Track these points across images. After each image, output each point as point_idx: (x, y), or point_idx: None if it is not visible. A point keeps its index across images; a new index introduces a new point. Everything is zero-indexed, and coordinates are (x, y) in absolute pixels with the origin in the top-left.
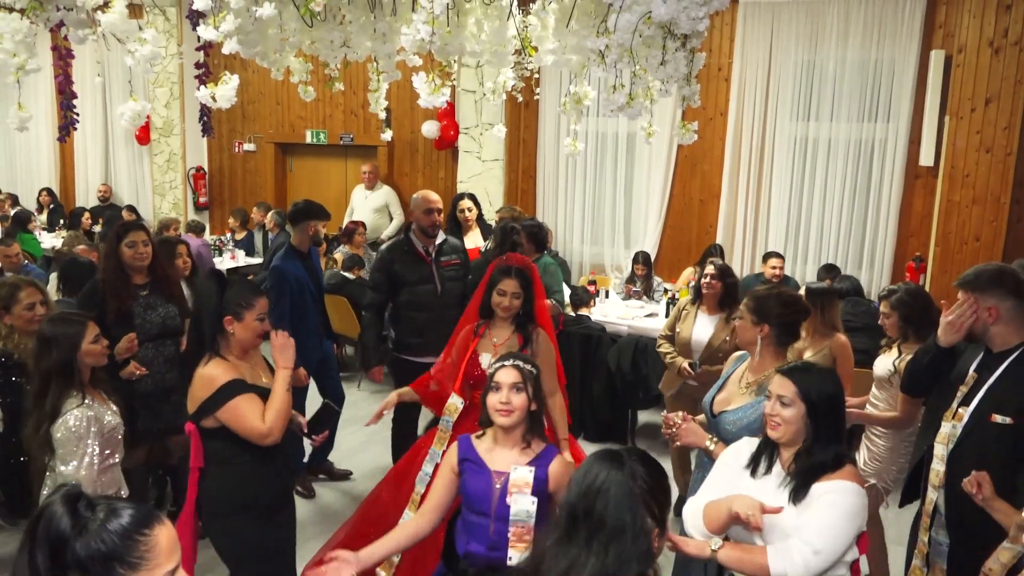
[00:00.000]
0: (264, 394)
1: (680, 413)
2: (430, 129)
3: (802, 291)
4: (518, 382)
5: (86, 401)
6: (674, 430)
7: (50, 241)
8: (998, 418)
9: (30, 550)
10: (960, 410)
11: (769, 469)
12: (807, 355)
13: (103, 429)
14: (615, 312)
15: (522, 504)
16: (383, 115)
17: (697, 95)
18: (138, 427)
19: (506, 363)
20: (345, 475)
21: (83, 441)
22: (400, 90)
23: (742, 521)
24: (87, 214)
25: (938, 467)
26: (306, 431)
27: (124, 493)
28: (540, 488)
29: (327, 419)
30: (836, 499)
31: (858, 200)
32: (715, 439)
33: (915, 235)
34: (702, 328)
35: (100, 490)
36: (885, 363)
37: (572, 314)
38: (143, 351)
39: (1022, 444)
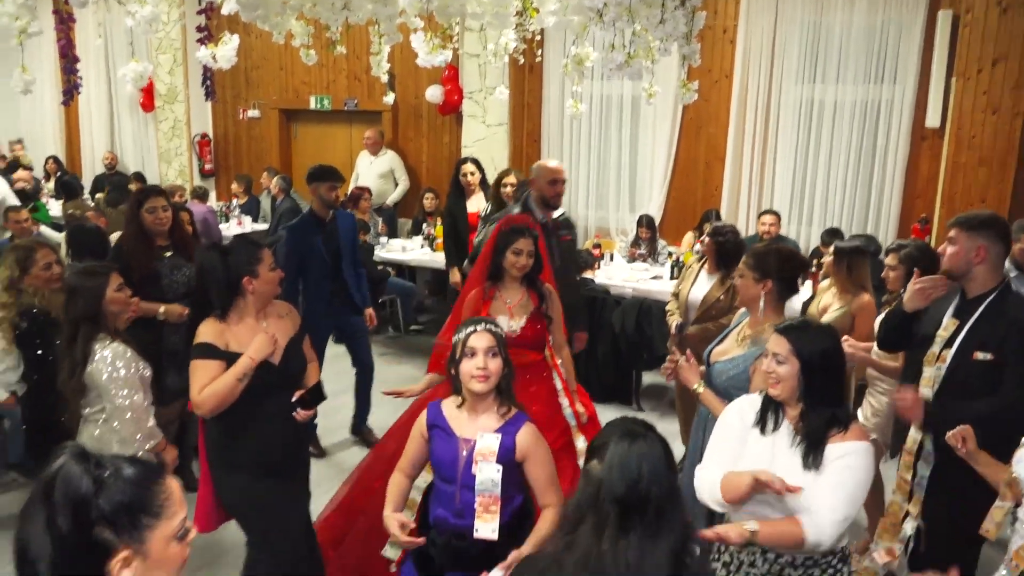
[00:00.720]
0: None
1: (687, 353)
2: (434, 94)
3: (830, 250)
4: (493, 346)
5: (116, 341)
6: (672, 366)
7: (58, 209)
8: (980, 355)
9: (48, 516)
10: (943, 352)
11: (777, 426)
12: (829, 313)
13: (141, 369)
14: (620, 275)
15: (487, 472)
16: (385, 79)
17: (697, 54)
18: (167, 384)
19: (477, 328)
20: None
21: (128, 369)
22: (403, 54)
23: (768, 489)
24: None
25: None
26: (294, 400)
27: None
28: (507, 457)
29: (314, 400)
30: (851, 462)
31: (864, 162)
32: (703, 384)
33: (921, 197)
34: (700, 287)
35: (143, 439)
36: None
37: (576, 277)
38: None
39: (1000, 378)
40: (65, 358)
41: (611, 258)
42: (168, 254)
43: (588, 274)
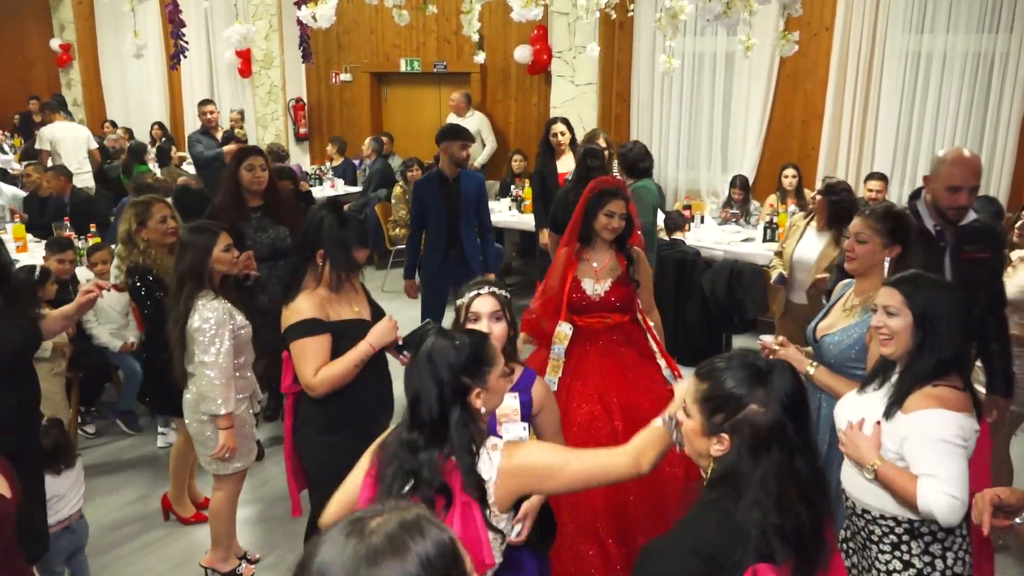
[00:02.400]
0: (343, 328)
1: (779, 337)
2: (523, 54)
3: None
4: (497, 311)
5: (219, 298)
6: (769, 354)
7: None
8: None
9: (431, 370)
10: None
11: (881, 385)
12: None
13: (236, 328)
14: (710, 237)
15: (514, 432)
16: (476, 38)
17: (799, 3)
18: (257, 341)
19: (481, 291)
20: None
21: (221, 330)
22: (492, 16)
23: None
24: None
25: None
26: (400, 344)
27: (260, 396)
28: (527, 413)
29: (423, 338)
30: (935, 432)
31: (974, 118)
32: (815, 364)
33: None
34: (807, 245)
35: (236, 392)
36: (1017, 283)
37: (666, 238)
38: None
39: None
40: (172, 311)
41: (701, 220)
42: (256, 215)
43: (678, 235)
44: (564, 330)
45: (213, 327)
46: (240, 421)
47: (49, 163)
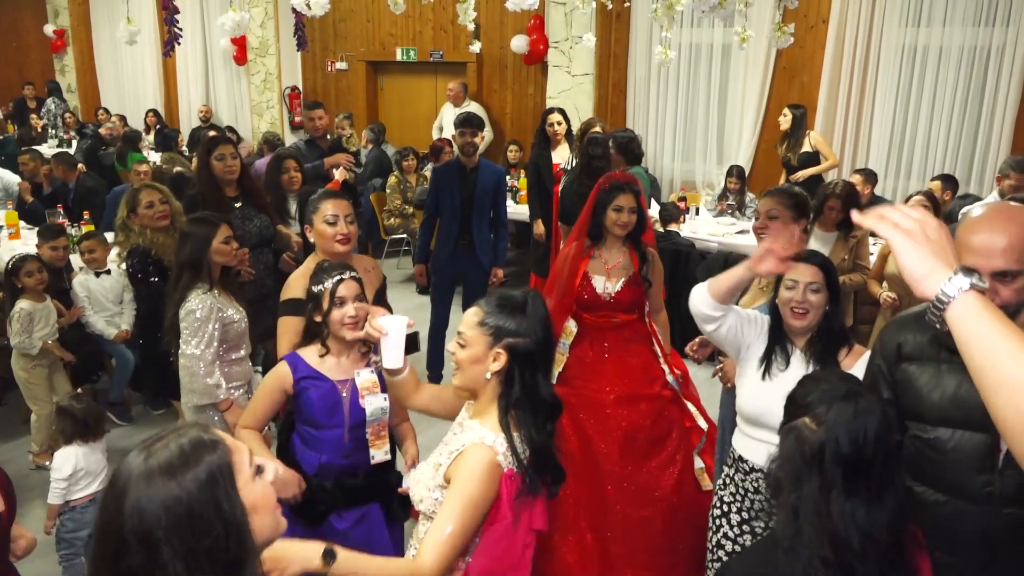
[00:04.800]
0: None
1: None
2: (519, 44)
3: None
4: (359, 293)
5: (212, 291)
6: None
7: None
8: None
9: None
10: None
11: (788, 364)
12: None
13: (224, 321)
14: (705, 229)
15: (376, 403)
16: (472, 27)
17: None
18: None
19: (343, 276)
20: None
21: (204, 324)
22: (489, 4)
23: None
24: (181, 136)
25: None
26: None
27: (256, 384)
28: (383, 385)
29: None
30: None
31: (970, 112)
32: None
33: None
34: (815, 247)
35: (225, 381)
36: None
37: (661, 230)
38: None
39: None
40: (170, 299)
41: (696, 212)
42: (238, 205)
43: (673, 227)
44: (570, 326)
45: (197, 320)
46: (194, 360)
47: None
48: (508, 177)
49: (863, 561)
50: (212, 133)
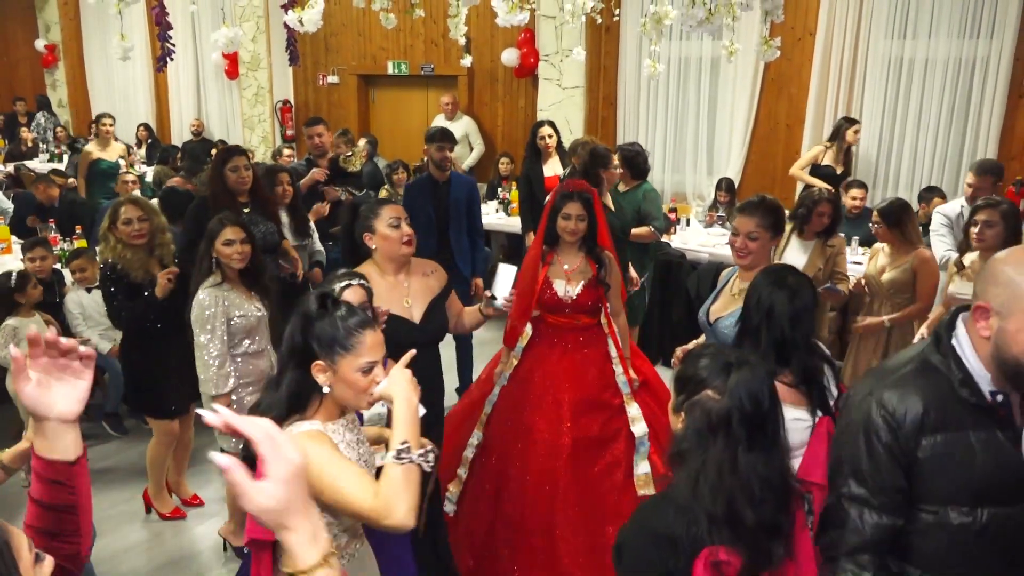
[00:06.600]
0: (392, 322)
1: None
2: (510, 57)
3: (875, 215)
4: (364, 302)
5: (222, 285)
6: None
7: (150, 175)
8: None
9: (294, 321)
10: None
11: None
12: (889, 272)
13: (234, 314)
14: (695, 239)
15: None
16: (463, 41)
17: (780, 9)
18: None
19: (352, 282)
20: None
21: (212, 317)
22: (480, 19)
23: None
24: (179, 153)
25: None
26: (489, 294)
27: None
28: None
29: (503, 278)
30: None
31: (955, 123)
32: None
33: (1017, 159)
34: (792, 254)
35: (236, 374)
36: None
37: (665, 240)
38: None
39: None
40: (192, 291)
41: (687, 223)
42: (246, 211)
43: (664, 238)
44: (527, 330)
45: (204, 312)
46: (241, 407)
47: None
48: (500, 189)
49: (760, 506)
50: (220, 146)
